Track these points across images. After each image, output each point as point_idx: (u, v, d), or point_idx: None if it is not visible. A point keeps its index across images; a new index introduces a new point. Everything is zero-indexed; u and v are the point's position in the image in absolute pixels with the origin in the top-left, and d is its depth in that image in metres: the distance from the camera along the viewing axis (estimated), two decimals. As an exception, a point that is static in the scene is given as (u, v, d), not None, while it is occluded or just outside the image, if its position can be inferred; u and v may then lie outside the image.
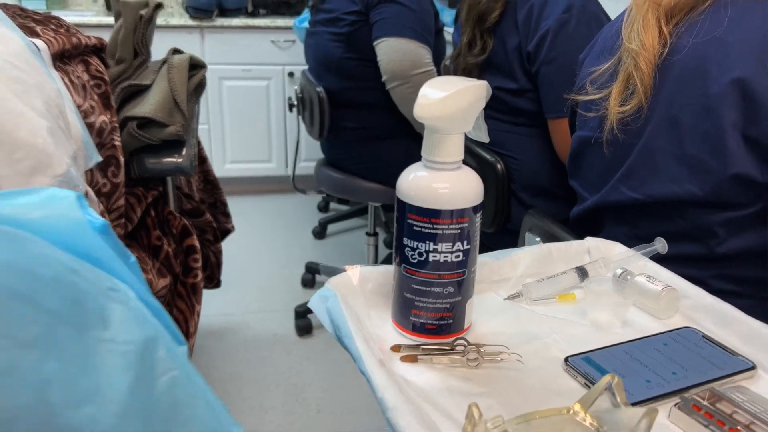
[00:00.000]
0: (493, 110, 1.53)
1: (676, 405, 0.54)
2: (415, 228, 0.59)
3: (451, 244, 0.59)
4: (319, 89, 2.10)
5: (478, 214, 0.60)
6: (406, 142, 2.11)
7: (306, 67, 2.31)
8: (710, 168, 0.80)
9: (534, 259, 0.75)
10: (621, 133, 0.88)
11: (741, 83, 0.76)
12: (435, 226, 0.58)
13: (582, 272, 0.73)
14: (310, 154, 3.58)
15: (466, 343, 0.60)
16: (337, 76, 2.08)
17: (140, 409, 0.40)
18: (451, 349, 0.60)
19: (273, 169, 3.72)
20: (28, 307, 0.38)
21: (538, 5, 1.40)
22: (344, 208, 3.52)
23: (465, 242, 0.59)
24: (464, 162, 0.60)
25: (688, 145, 0.81)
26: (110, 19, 3.31)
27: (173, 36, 3.42)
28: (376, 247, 2.50)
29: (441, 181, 0.58)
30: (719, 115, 0.78)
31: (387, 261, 2.24)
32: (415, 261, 0.60)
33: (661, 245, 0.76)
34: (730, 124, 0.77)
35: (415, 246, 0.59)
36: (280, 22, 3.49)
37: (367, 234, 2.47)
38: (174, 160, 1.37)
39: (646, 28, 0.84)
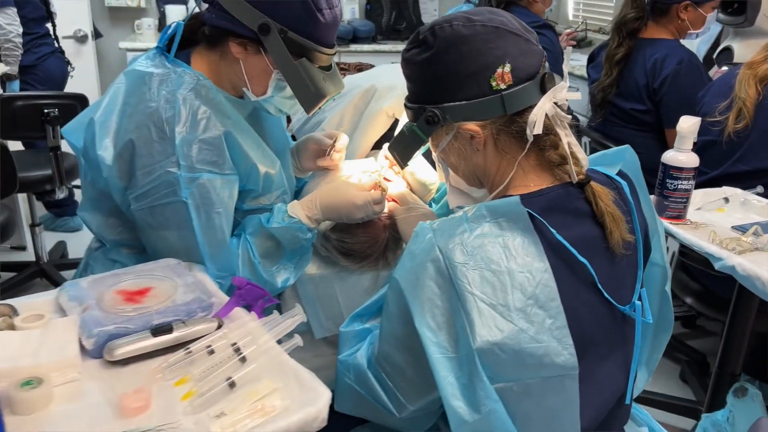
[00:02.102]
0: (625, 122, 2.44)
1: (779, 237, 1.44)
2: (673, 174, 1.49)
3: (686, 181, 1.49)
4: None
5: (696, 171, 1.50)
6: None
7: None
8: (784, 154, 1.71)
9: (702, 194, 1.66)
10: (735, 138, 1.78)
11: None
12: (681, 174, 1.48)
13: (726, 200, 1.64)
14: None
15: (690, 221, 1.51)
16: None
17: None
18: (684, 222, 1.51)
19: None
20: None
21: (660, 59, 2.30)
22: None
23: (690, 181, 1.50)
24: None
25: (772, 143, 1.72)
26: None
27: (318, 58, 4.34)
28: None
29: (683, 156, 1.49)
30: (787, 129, 1.69)
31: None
32: (671, 188, 1.50)
33: (760, 188, 1.67)
34: (793, 133, 1.68)
35: (671, 182, 1.50)
36: (401, 47, 4.40)
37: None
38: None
39: (749, 87, 1.74)
